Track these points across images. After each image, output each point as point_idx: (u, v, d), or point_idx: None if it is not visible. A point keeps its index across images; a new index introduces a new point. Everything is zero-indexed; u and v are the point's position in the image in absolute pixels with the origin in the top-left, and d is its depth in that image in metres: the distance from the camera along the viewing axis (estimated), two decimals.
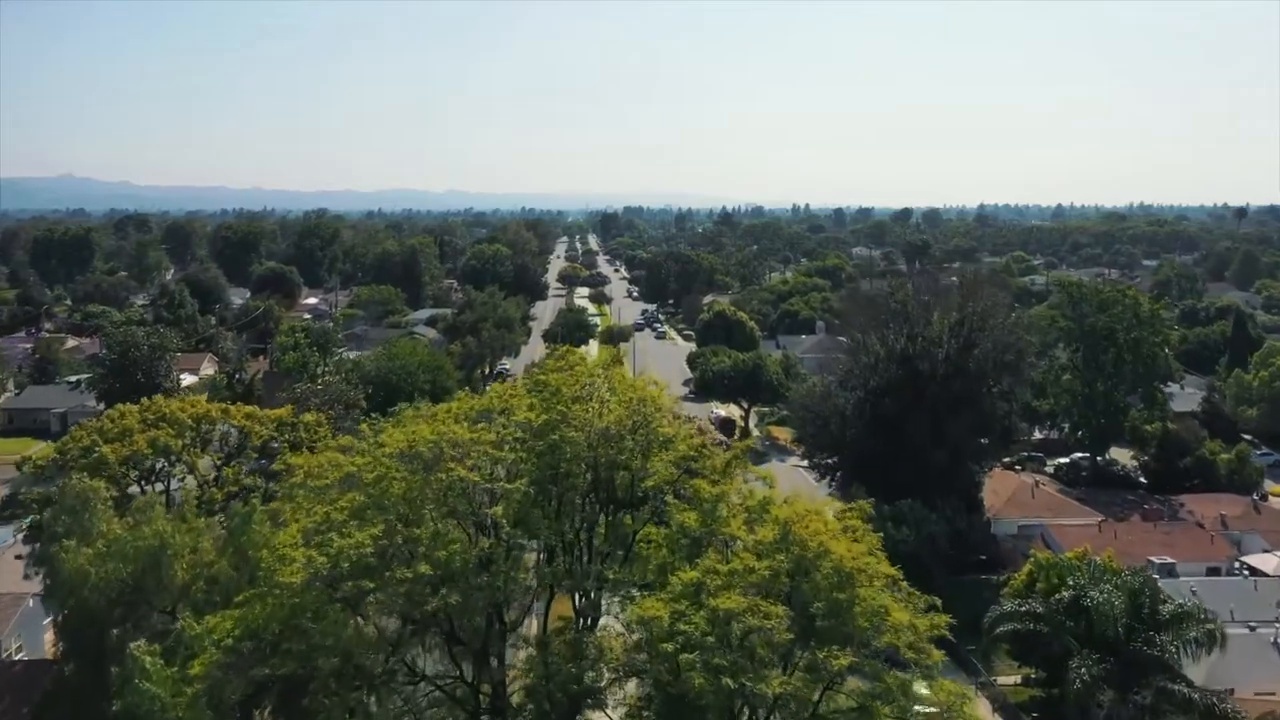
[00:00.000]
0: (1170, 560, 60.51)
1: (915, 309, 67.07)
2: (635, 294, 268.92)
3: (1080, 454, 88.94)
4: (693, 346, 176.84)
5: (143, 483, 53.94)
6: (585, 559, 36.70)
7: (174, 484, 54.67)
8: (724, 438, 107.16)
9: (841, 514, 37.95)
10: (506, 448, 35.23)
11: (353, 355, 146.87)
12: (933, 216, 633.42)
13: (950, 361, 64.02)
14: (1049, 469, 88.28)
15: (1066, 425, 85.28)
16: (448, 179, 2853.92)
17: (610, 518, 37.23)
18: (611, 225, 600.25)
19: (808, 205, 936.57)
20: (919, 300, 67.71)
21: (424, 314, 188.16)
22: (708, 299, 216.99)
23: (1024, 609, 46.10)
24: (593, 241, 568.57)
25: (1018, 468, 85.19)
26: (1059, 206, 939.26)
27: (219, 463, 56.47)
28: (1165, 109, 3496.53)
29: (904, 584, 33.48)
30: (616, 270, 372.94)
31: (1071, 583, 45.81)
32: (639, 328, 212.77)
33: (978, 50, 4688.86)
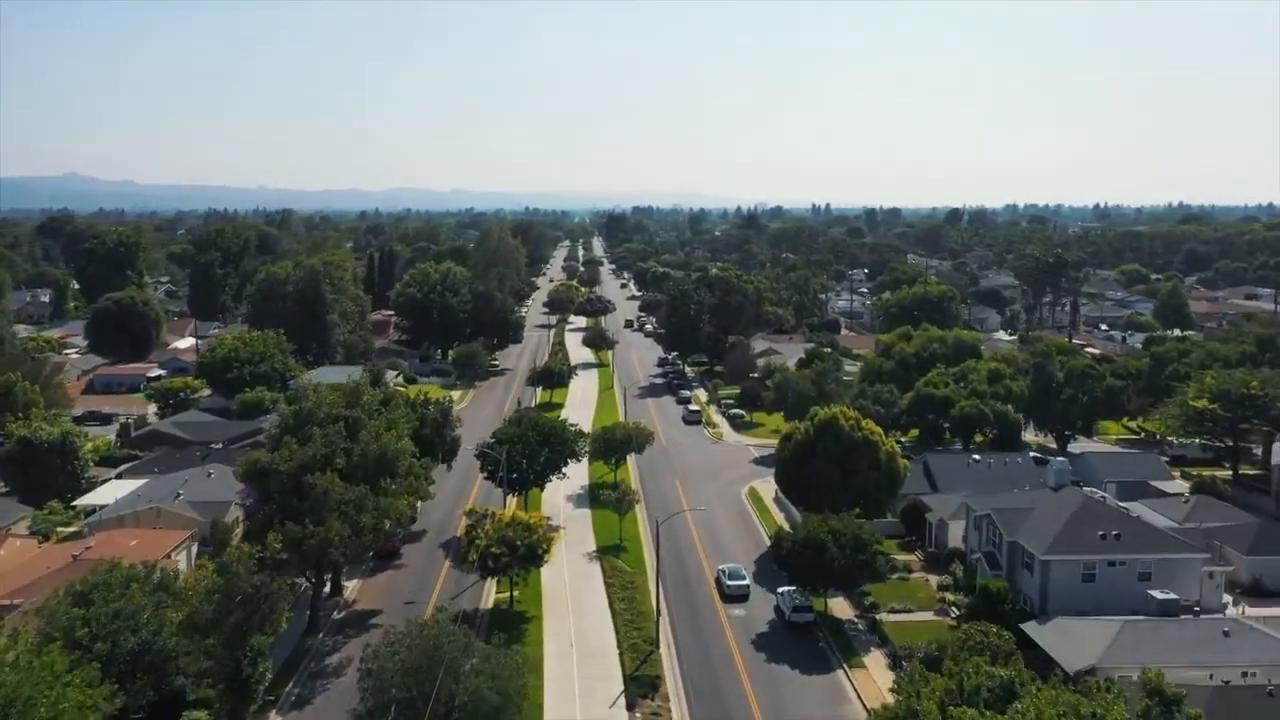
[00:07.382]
0: None
1: None
2: (649, 327, 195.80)
3: None
4: (750, 445, 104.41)
5: None
6: None
7: None
8: None
9: None
10: None
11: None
12: (980, 217, 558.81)
13: None
14: None
15: None
16: (454, 178, 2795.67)
17: None
18: (618, 227, 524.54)
19: (828, 205, 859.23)
20: None
21: (326, 374, 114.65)
22: (761, 349, 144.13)
23: None
24: (597, 246, 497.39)
25: None
26: (1098, 206, 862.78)
27: None
28: (1191, 109, 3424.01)
29: None
30: (624, 285, 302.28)
31: None
32: (654, 390, 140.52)
33: (998, 47, 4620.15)
